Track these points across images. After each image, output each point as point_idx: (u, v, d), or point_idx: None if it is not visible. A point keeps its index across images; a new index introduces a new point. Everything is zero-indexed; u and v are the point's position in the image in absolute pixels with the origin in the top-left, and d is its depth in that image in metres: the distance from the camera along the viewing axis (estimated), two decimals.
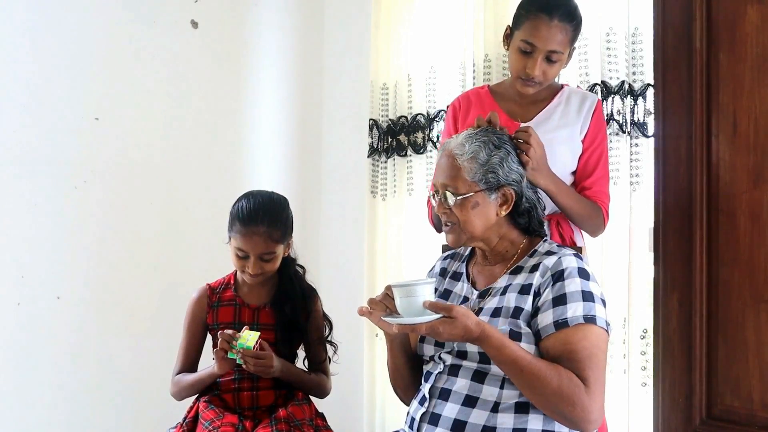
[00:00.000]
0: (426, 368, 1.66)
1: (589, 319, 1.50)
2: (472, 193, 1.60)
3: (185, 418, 1.96)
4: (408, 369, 1.71)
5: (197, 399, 2.00)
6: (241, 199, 1.99)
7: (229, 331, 1.85)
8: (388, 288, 1.53)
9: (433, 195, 1.68)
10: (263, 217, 1.92)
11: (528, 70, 1.91)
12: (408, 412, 1.67)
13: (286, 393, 2.00)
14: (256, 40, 3.08)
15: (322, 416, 2.02)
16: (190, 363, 2.04)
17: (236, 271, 2.05)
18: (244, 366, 1.87)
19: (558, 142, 1.95)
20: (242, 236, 1.91)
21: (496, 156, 1.62)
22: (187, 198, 2.84)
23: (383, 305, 1.52)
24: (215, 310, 2.02)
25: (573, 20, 1.90)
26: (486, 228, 1.63)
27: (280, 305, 2.02)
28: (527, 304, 1.55)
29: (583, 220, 1.95)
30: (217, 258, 2.20)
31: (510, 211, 1.64)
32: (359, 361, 3.01)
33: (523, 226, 1.68)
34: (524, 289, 1.57)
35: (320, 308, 2.11)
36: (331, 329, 2.11)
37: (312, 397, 2.04)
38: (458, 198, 1.60)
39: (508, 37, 1.99)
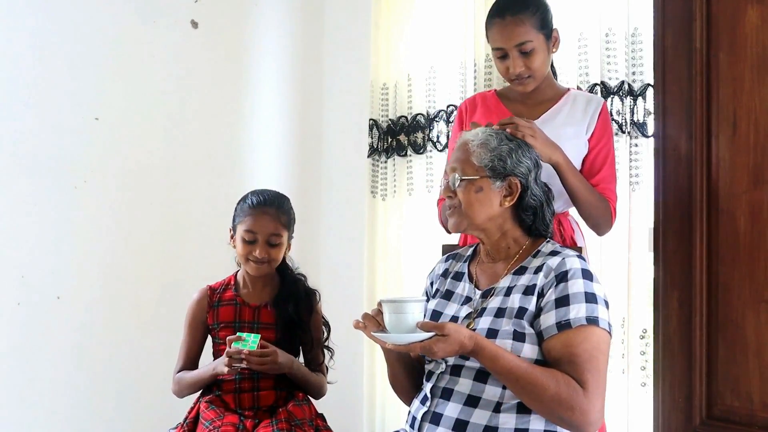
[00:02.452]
0: (428, 367, 1.66)
1: (592, 321, 1.50)
2: (478, 177, 1.62)
3: (186, 419, 1.96)
4: (406, 377, 1.72)
5: (198, 399, 2.00)
6: (246, 194, 2.06)
7: (233, 345, 1.86)
8: (380, 303, 1.54)
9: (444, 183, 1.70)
10: (272, 201, 2.01)
11: (511, 71, 1.96)
12: (409, 411, 1.67)
13: (286, 394, 2.00)
14: (256, 40, 3.08)
15: (322, 417, 2.03)
16: (190, 362, 2.05)
17: (236, 272, 2.07)
18: (247, 366, 1.86)
19: (564, 138, 1.95)
20: (252, 217, 1.97)
21: (507, 146, 1.65)
22: (187, 197, 2.84)
23: (375, 321, 1.54)
24: (215, 310, 2.03)
25: (526, 9, 1.93)
26: (488, 217, 1.64)
27: (283, 303, 2.03)
28: (531, 304, 1.55)
29: (591, 207, 1.93)
30: (217, 257, 2.21)
31: (516, 207, 1.65)
32: (359, 361, 3.01)
33: (528, 225, 1.68)
34: (528, 290, 1.57)
35: (320, 310, 2.12)
36: (328, 333, 2.11)
37: (312, 398, 2.04)
38: (464, 179, 1.62)
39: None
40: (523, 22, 1.91)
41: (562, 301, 1.52)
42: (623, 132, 2.29)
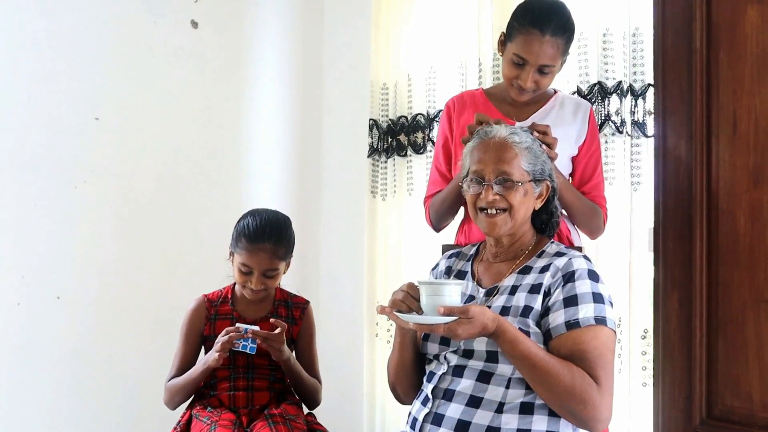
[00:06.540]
0: (429, 368, 1.66)
1: (600, 321, 1.52)
2: (527, 181, 1.63)
3: (179, 422, 1.98)
4: (414, 365, 1.71)
5: (191, 405, 2.01)
6: (246, 216, 2.02)
7: (232, 329, 1.89)
8: (410, 286, 1.53)
9: (475, 180, 1.65)
10: (270, 234, 1.95)
11: (520, 82, 1.92)
12: (410, 413, 1.66)
13: (279, 395, 2.04)
14: (256, 40, 3.08)
15: (312, 415, 2.07)
16: (184, 371, 2.03)
17: (234, 284, 2.08)
18: (253, 336, 1.87)
19: None
20: (248, 252, 1.94)
21: (541, 150, 1.68)
22: (187, 197, 2.84)
23: (403, 304, 1.52)
24: (212, 323, 2.03)
25: (565, 32, 1.90)
26: (525, 220, 1.67)
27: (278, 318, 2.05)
28: (537, 303, 1.56)
29: (585, 218, 1.98)
30: (217, 256, 2.20)
31: (537, 208, 1.68)
32: (359, 362, 3.01)
33: (543, 223, 1.72)
34: (534, 289, 1.58)
35: (311, 315, 2.13)
36: None
37: (307, 406, 2.08)
38: (518, 183, 1.61)
39: (502, 43, 1.99)
40: (558, 46, 1.88)
41: (571, 301, 1.53)
42: (619, 132, 2.29)
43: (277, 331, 1.91)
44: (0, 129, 2.44)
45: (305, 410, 2.08)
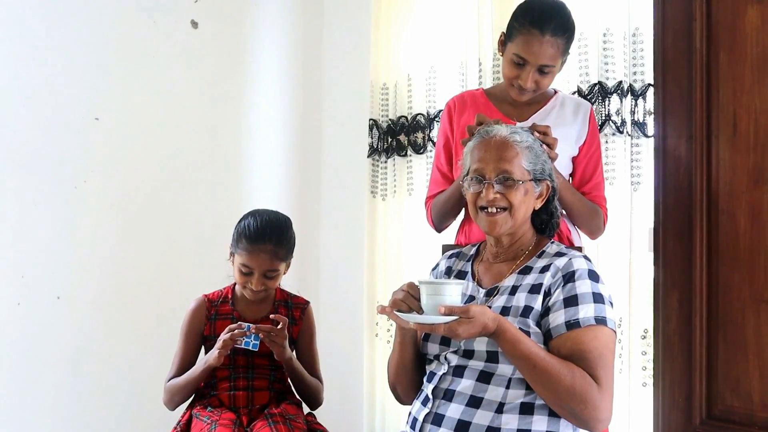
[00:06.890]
0: (429, 368, 1.66)
1: (600, 321, 1.52)
2: (527, 180, 1.63)
3: (179, 422, 1.98)
4: (414, 365, 1.70)
5: (191, 405, 2.01)
6: (246, 216, 2.02)
7: (234, 326, 1.90)
8: (410, 286, 1.53)
9: (475, 179, 1.65)
10: (270, 235, 1.96)
11: (520, 82, 1.92)
12: (410, 413, 1.66)
13: (279, 395, 2.04)
14: (256, 40, 3.08)
15: (312, 415, 2.07)
16: (184, 371, 2.02)
17: (234, 284, 2.08)
18: (256, 331, 1.89)
19: None
20: (249, 253, 1.94)
21: (542, 150, 1.68)
22: (187, 197, 2.84)
23: (404, 304, 1.52)
24: (213, 323, 2.04)
25: (566, 32, 1.90)
26: (525, 220, 1.67)
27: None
28: (537, 303, 1.56)
29: (585, 219, 1.98)
30: (217, 256, 2.20)
31: (537, 208, 1.69)
32: (359, 362, 3.01)
33: (543, 223, 1.72)
34: (534, 289, 1.58)
35: (311, 315, 2.13)
36: None
37: (308, 406, 2.08)
38: (519, 182, 1.61)
39: (502, 44, 1.99)
40: (558, 46, 1.88)
41: (571, 301, 1.53)
42: (620, 132, 2.29)
43: (279, 326, 1.91)
44: (0, 129, 2.44)
45: (305, 410, 2.08)
